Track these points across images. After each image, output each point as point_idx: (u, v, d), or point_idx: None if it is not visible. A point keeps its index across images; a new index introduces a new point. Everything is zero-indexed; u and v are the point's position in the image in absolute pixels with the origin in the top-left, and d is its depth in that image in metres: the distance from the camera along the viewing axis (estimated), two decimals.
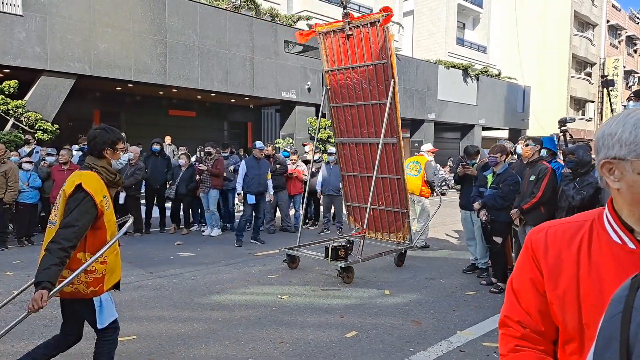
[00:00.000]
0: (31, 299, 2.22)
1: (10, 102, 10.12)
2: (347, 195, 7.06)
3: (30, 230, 7.55)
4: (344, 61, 6.13)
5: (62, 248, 2.32)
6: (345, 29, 5.90)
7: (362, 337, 3.96)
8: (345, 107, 6.39)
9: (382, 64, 5.76)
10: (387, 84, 5.78)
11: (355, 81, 6.14)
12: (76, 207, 2.41)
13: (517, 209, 4.95)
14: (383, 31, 5.62)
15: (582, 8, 33.40)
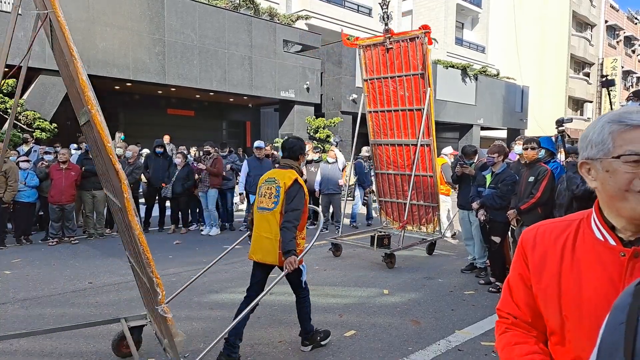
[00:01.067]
0: (286, 262, 3.15)
1: (8, 101, 10.10)
2: (379, 192, 7.73)
3: (29, 229, 7.53)
4: (382, 71, 6.87)
5: (294, 226, 3.23)
6: (386, 43, 6.66)
7: (360, 336, 3.96)
8: (382, 112, 7.11)
9: (419, 74, 6.52)
10: (424, 92, 6.56)
11: (393, 89, 6.87)
12: (296, 195, 3.27)
13: (514, 209, 4.95)
14: (422, 46, 6.36)
15: (581, 8, 33.46)
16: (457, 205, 6.34)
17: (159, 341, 3.06)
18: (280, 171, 3.48)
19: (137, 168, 8.19)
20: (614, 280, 0.97)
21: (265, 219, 3.36)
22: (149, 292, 2.79)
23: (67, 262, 6.23)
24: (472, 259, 6.17)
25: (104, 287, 5.18)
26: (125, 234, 2.82)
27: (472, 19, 30.44)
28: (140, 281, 3.13)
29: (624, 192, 0.95)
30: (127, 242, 3.04)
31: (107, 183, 2.60)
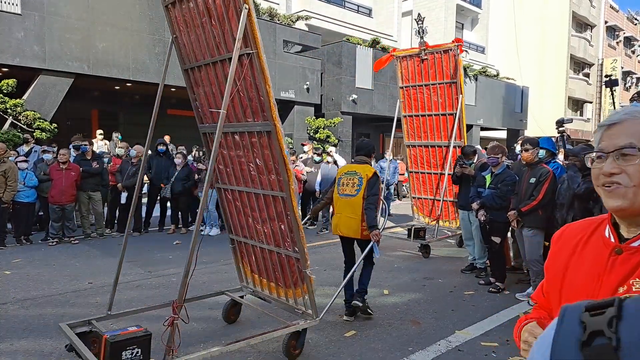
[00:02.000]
0: (372, 234, 4.05)
1: (8, 101, 10.09)
2: (412, 189, 8.54)
3: (29, 230, 7.53)
4: (417, 80, 7.66)
5: (375, 207, 4.13)
6: (421, 55, 7.46)
7: (361, 336, 3.96)
8: (417, 116, 7.89)
9: (452, 82, 7.28)
10: (456, 98, 7.34)
11: (427, 96, 7.66)
12: (375, 184, 4.19)
13: (514, 210, 4.94)
14: (454, 57, 7.11)
15: (581, 9, 33.47)
16: (457, 205, 6.34)
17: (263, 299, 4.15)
18: (359, 166, 4.38)
19: (140, 169, 8.17)
20: (599, 276, 1.00)
21: (349, 204, 4.26)
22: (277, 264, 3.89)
23: (67, 262, 6.23)
24: (472, 259, 6.18)
25: (104, 287, 5.18)
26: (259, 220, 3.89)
27: (472, 20, 30.45)
28: (256, 256, 4.16)
29: (598, 188, 1.01)
30: (243, 227, 4.16)
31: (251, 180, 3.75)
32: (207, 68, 3.77)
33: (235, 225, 4.34)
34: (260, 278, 4.29)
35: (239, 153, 3.81)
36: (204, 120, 4.24)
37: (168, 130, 13.57)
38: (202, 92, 4.01)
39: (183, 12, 3.72)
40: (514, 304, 4.94)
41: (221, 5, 3.27)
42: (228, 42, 3.38)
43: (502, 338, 3.99)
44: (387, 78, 18.27)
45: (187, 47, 3.91)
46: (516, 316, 4.56)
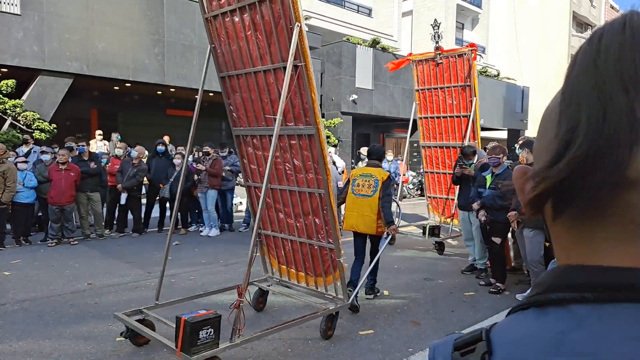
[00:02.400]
0: (389, 229, 4.65)
1: (7, 102, 10.08)
2: (427, 188, 8.83)
3: (28, 230, 7.52)
4: (432, 83, 8.02)
5: (390, 205, 4.76)
6: (436, 59, 7.82)
7: (361, 337, 3.95)
8: (432, 118, 8.23)
9: (466, 85, 7.57)
10: (470, 101, 7.61)
11: (442, 98, 7.98)
12: (389, 186, 4.76)
13: (515, 211, 4.93)
14: (468, 61, 7.42)
15: (581, 9, 33.48)
16: (457, 205, 6.33)
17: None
18: (374, 169, 4.92)
19: (141, 170, 8.13)
20: None
21: (366, 203, 4.76)
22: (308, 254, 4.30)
23: (66, 263, 6.22)
24: (473, 260, 6.16)
25: (103, 288, 5.17)
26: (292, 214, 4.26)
27: (472, 20, 30.44)
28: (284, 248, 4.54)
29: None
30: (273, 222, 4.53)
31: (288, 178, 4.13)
32: (247, 76, 4.02)
33: (264, 221, 4.59)
34: (288, 268, 4.64)
35: (275, 154, 3.96)
36: (237, 124, 4.47)
37: (167, 130, 13.56)
38: (239, 98, 4.24)
39: (226, 25, 3.99)
40: (514, 304, 4.92)
41: (270, 21, 3.59)
42: (274, 54, 3.69)
43: None
44: (387, 78, 18.26)
45: (227, 57, 4.14)
46: None
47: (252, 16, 3.70)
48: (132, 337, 3.63)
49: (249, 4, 3.67)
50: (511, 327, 0.49)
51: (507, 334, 0.48)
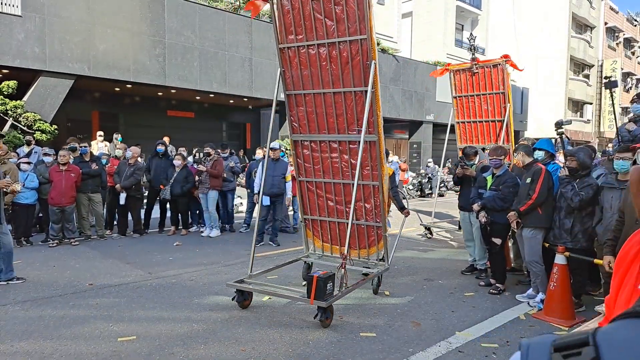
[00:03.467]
0: (404, 213, 5.51)
1: (9, 103, 10.11)
2: None
3: (29, 231, 7.53)
4: (469, 90, 8.76)
5: (398, 195, 5.52)
6: (472, 69, 8.60)
7: (361, 337, 3.96)
8: (469, 122, 8.91)
9: (500, 93, 8.27)
10: (504, 107, 8.33)
11: (478, 104, 8.71)
12: (393, 180, 5.21)
13: (514, 211, 4.95)
14: (503, 71, 8.16)
15: (580, 10, 33.51)
16: (458, 206, 6.34)
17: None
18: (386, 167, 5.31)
19: (138, 169, 8.16)
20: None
21: None
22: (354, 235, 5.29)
23: (67, 264, 6.23)
24: (473, 261, 6.17)
25: (104, 288, 5.18)
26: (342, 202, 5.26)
27: (472, 21, 30.48)
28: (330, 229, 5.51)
29: None
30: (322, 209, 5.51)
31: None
32: (315, 95, 4.94)
33: (312, 208, 5.59)
34: (331, 245, 5.63)
35: (333, 155, 5.16)
36: (297, 131, 5.36)
37: (168, 131, 13.59)
38: (302, 111, 5.15)
39: (300, 55, 4.88)
40: (514, 305, 4.94)
41: (347, 57, 4.58)
42: (346, 80, 4.70)
43: (503, 339, 3.99)
44: (386, 80, 18.27)
45: (295, 79, 5.03)
46: (516, 317, 4.56)
47: (329, 51, 4.66)
48: (240, 302, 4.59)
49: (329, 42, 4.59)
50: (619, 334, 0.49)
51: (615, 340, 0.48)
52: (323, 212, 5.52)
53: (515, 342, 3.95)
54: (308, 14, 4.61)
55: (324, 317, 4.16)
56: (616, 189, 4.33)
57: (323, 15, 4.54)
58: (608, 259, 3.82)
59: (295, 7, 4.63)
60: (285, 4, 4.70)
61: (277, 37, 4.88)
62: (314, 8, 4.55)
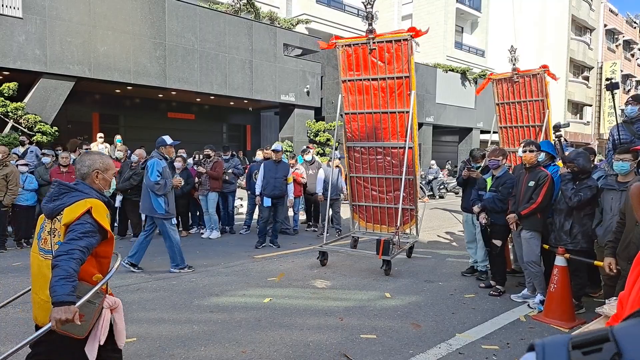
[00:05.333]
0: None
1: (9, 104, 10.13)
2: None
3: (28, 233, 7.53)
4: (510, 98, 8.97)
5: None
6: (513, 78, 8.68)
7: (361, 339, 3.97)
8: (511, 127, 9.10)
9: (540, 100, 8.41)
10: (543, 113, 8.50)
11: (519, 111, 8.91)
12: None
13: (514, 214, 4.95)
14: (542, 80, 8.36)
15: (580, 12, 33.57)
16: (461, 208, 6.35)
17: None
18: None
19: (136, 174, 7.99)
20: None
21: None
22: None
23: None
24: (474, 262, 6.18)
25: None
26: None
27: (471, 23, 30.54)
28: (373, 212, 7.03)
29: None
30: (367, 197, 6.97)
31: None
32: (366, 115, 6.75)
33: (359, 196, 7.25)
34: (373, 224, 7.25)
35: (378, 157, 6.85)
36: (351, 139, 7.01)
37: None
38: (356, 125, 6.89)
39: (357, 85, 6.65)
40: (514, 306, 4.94)
41: (394, 88, 6.44)
42: (391, 104, 6.52)
43: (503, 341, 3.99)
44: None
45: (352, 102, 6.81)
46: (516, 319, 4.56)
47: (379, 83, 6.49)
48: (321, 260, 6.46)
49: (380, 77, 6.44)
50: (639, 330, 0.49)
51: (636, 335, 0.48)
52: (368, 199, 7.20)
53: (516, 344, 3.95)
54: (365, 57, 6.45)
55: (388, 268, 6.05)
56: (616, 190, 4.34)
57: (377, 59, 6.38)
58: (609, 261, 3.82)
59: (356, 53, 6.52)
60: (349, 50, 6.53)
61: (341, 72, 6.71)
62: (370, 54, 6.38)
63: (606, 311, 2.76)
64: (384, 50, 6.30)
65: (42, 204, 2.37)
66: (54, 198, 2.31)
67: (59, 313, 1.98)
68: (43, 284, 2.23)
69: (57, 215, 2.27)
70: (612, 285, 4.17)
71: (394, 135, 6.67)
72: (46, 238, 2.30)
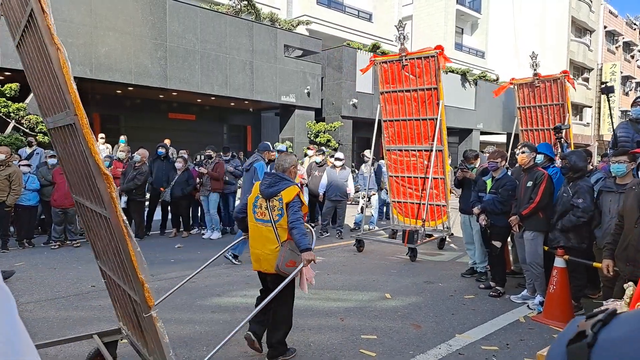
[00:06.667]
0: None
1: (11, 105, 10.16)
2: None
3: (31, 233, 7.56)
4: (532, 102, 9.37)
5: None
6: (535, 83, 9.18)
7: (362, 340, 4.00)
8: (531, 130, 9.54)
9: (560, 104, 8.86)
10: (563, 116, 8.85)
11: (540, 114, 9.31)
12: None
13: (516, 215, 4.98)
14: (563, 85, 8.77)
15: (580, 14, 33.63)
16: (459, 209, 6.38)
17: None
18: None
19: (140, 174, 8.08)
20: None
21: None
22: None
23: (69, 266, 6.26)
24: (473, 264, 6.21)
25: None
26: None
27: (471, 25, 30.58)
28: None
29: None
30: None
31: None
32: (402, 121, 7.83)
33: (397, 194, 8.26)
34: (410, 218, 8.14)
35: (412, 159, 7.90)
36: (389, 143, 8.13)
37: (169, 133, 13.63)
38: (392, 131, 8.01)
39: (393, 96, 7.83)
40: (514, 307, 4.97)
41: (424, 98, 7.46)
42: (422, 111, 7.55)
43: (503, 342, 4.02)
44: None
45: (388, 111, 7.93)
46: (516, 320, 4.59)
47: (412, 94, 7.56)
48: (358, 247, 7.66)
49: (412, 89, 7.51)
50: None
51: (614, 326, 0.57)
52: (405, 196, 8.16)
53: (516, 345, 3.98)
54: (399, 72, 7.61)
55: (413, 255, 7.01)
56: (614, 192, 4.38)
57: (409, 73, 7.49)
58: (607, 263, 3.85)
59: (391, 69, 7.69)
60: (385, 66, 7.74)
61: (379, 85, 7.91)
62: (403, 69, 7.53)
63: None
64: (415, 65, 7.38)
65: (261, 190, 3.45)
66: (271, 185, 3.42)
67: (308, 255, 3.23)
68: (265, 242, 3.41)
69: (274, 196, 3.37)
70: (611, 287, 4.20)
71: (425, 139, 7.62)
72: (264, 212, 3.42)
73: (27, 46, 2.48)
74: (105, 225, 2.41)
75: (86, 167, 2.30)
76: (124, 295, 2.76)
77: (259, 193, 3.47)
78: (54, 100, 2.35)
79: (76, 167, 2.52)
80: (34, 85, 2.75)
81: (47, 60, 2.14)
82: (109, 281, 3.08)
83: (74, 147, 2.38)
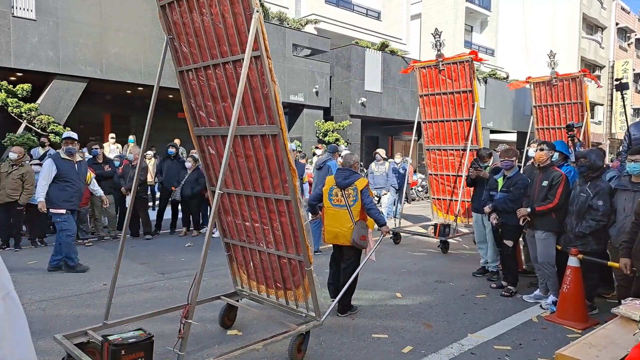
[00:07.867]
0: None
1: (23, 105, 10.27)
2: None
3: (43, 232, 7.64)
4: (549, 100, 9.46)
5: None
6: (552, 82, 9.36)
7: (373, 339, 3.98)
8: (547, 129, 9.74)
9: (579, 103, 8.98)
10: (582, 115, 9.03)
11: (557, 113, 9.42)
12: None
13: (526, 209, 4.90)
14: (581, 84, 8.90)
15: (591, 11, 33.22)
16: (472, 208, 6.34)
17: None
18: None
19: (141, 169, 8.15)
20: None
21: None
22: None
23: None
24: (485, 263, 6.16)
25: (118, 288, 5.22)
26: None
27: (481, 22, 30.35)
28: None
29: None
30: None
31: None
32: (439, 123, 8.48)
33: (437, 191, 8.64)
34: (447, 214, 8.59)
35: (450, 158, 8.26)
36: (428, 143, 8.56)
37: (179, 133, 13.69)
38: (432, 131, 8.55)
39: (430, 99, 8.35)
40: (526, 307, 4.92)
41: (460, 99, 8.09)
42: (458, 113, 8.19)
43: (516, 342, 3.98)
44: (395, 81, 18.27)
45: (427, 112, 8.60)
46: (529, 320, 4.54)
47: (449, 97, 8.13)
48: (394, 240, 7.94)
49: (449, 92, 8.13)
50: None
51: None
52: (444, 193, 8.54)
53: (528, 345, 3.94)
54: (436, 76, 8.11)
55: (444, 247, 7.45)
56: (630, 191, 4.31)
57: (446, 77, 7.96)
58: (625, 261, 3.80)
59: (429, 74, 8.20)
60: (423, 71, 8.28)
61: (419, 89, 8.37)
62: (440, 73, 8.02)
63: (622, 312, 2.75)
64: (451, 70, 7.88)
65: (338, 182, 4.41)
66: (346, 177, 4.40)
67: (385, 228, 4.36)
68: (343, 222, 4.38)
69: (349, 186, 4.36)
70: (626, 286, 4.14)
71: (462, 139, 8.05)
72: (340, 199, 4.41)
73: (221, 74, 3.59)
74: (285, 206, 3.50)
75: (278, 164, 3.35)
76: (276, 260, 3.82)
77: (334, 185, 4.44)
78: (249, 116, 3.42)
79: (257, 165, 3.56)
80: (201, 104, 4.19)
81: (260, 89, 3.24)
82: (244, 253, 4.17)
83: (264, 150, 3.43)
